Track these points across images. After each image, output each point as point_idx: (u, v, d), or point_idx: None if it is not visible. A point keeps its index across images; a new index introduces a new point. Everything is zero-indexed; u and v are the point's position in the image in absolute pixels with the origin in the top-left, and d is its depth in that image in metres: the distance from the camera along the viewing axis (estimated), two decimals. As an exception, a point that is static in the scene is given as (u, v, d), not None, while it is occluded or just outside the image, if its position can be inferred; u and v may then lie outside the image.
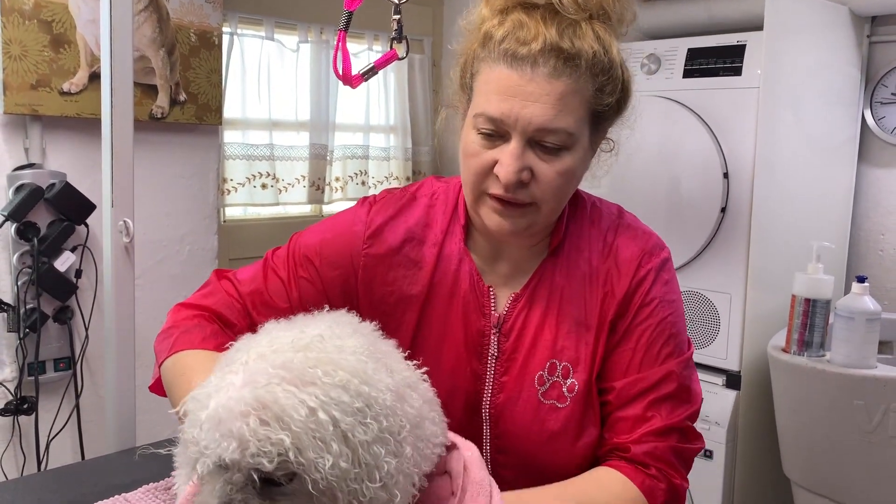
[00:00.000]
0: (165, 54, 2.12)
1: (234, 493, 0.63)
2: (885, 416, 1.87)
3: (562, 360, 1.00)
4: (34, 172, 1.93)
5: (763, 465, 2.36)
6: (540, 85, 0.89)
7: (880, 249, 2.63)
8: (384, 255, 1.05)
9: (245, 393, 0.62)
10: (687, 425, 0.99)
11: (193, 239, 2.30)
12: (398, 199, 1.09)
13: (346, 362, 0.66)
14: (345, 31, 1.03)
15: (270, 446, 0.60)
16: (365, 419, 0.64)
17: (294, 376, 0.64)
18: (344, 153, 2.79)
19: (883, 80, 2.57)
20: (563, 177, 0.94)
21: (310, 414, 0.62)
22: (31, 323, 1.91)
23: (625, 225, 1.06)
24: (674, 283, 1.05)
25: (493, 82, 0.92)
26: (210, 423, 0.62)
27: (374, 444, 0.65)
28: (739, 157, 2.24)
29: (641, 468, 0.95)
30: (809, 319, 1.99)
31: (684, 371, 1.00)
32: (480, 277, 1.04)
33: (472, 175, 0.96)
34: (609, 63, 0.93)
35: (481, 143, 0.94)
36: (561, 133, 0.91)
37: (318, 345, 0.68)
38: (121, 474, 1.31)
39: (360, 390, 0.65)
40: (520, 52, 0.90)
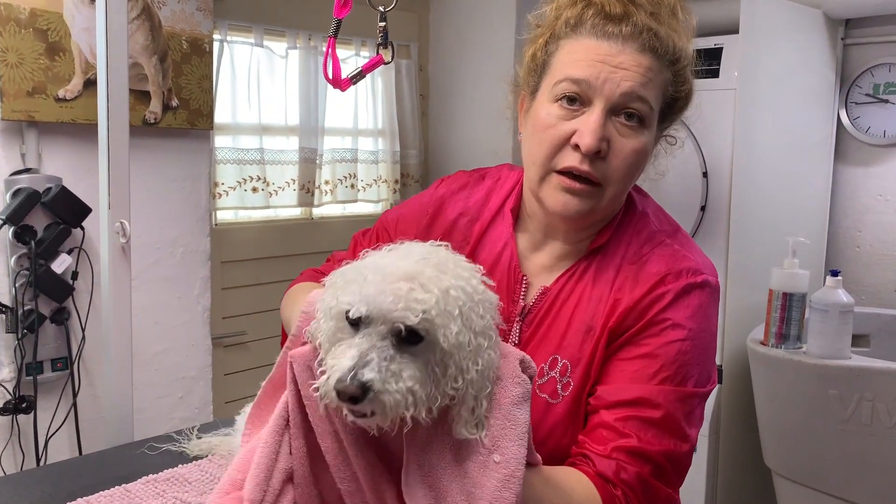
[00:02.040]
0: (158, 61, 2.16)
1: (375, 340, 0.75)
2: (859, 406, 1.93)
3: (563, 357, 0.98)
4: (31, 177, 1.97)
5: (744, 455, 2.42)
6: (629, 55, 0.92)
7: (857, 245, 2.70)
8: (441, 227, 1.11)
9: (401, 265, 0.77)
10: (663, 462, 0.91)
11: (186, 241, 2.34)
12: (467, 177, 1.15)
13: (471, 268, 0.81)
14: (334, 37, 1.08)
15: (416, 304, 0.74)
16: (479, 311, 0.78)
17: (433, 264, 0.78)
18: (333, 157, 2.84)
19: (857, 82, 2.64)
20: (637, 155, 0.95)
21: (446, 290, 0.76)
22: (28, 324, 1.95)
23: (668, 242, 1.01)
24: (701, 313, 0.97)
25: (580, 51, 0.94)
26: (375, 281, 0.75)
27: (480, 334, 0.77)
28: (718, 157, 2.29)
29: (609, 486, 0.89)
30: (786, 313, 2.05)
31: (679, 404, 0.93)
32: (519, 265, 1.05)
33: (546, 147, 0.96)
34: (685, 57, 0.97)
35: (559, 113, 0.95)
36: (645, 103, 0.93)
37: (452, 254, 0.82)
38: (120, 467, 1.35)
39: (478, 288, 0.79)
40: (610, 28, 0.93)
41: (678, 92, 0.98)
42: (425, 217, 1.12)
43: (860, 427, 1.94)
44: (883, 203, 2.64)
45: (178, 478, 1.27)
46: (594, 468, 0.90)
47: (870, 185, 2.66)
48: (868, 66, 2.61)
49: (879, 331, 2.41)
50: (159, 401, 2.29)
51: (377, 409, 0.73)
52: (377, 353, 0.74)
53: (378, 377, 0.72)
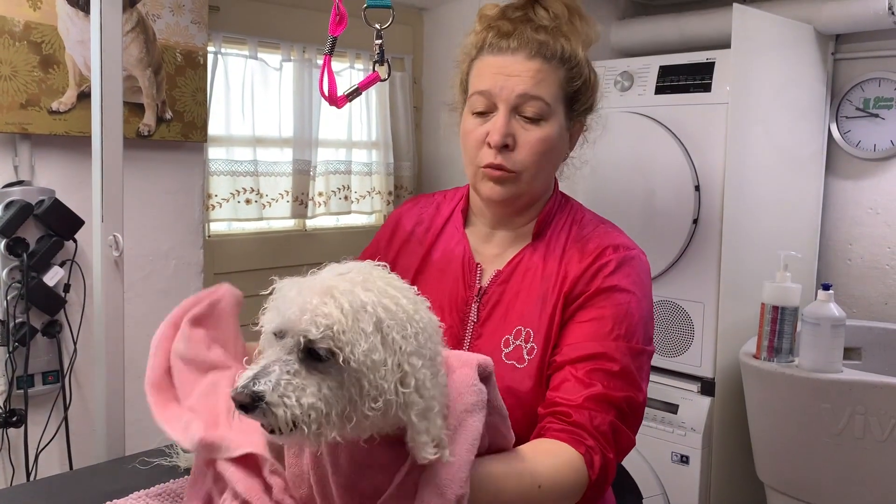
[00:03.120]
0: (152, 74, 2.16)
1: (281, 353, 0.75)
2: (851, 419, 1.94)
3: (526, 326, 1.13)
4: (23, 189, 1.96)
5: (737, 469, 2.42)
6: (520, 63, 1.11)
7: (848, 259, 2.71)
8: (400, 239, 1.29)
9: (317, 281, 0.77)
10: (625, 407, 1.05)
11: (179, 253, 2.34)
12: (419, 196, 1.36)
13: (402, 288, 0.80)
14: (330, 55, 1.09)
15: (322, 318, 0.73)
16: (405, 331, 0.76)
17: (360, 281, 0.77)
18: (327, 168, 2.84)
19: (847, 96, 2.66)
20: (542, 143, 1.12)
21: (360, 307, 0.74)
22: (20, 337, 1.94)
23: (601, 226, 1.21)
24: (637, 280, 1.14)
25: (484, 68, 1.14)
26: (282, 295, 0.77)
27: (412, 355, 0.76)
28: (710, 171, 2.31)
29: (580, 438, 1.01)
30: (778, 326, 2.06)
31: (632, 358, 1.08)
32: (472, 256, 1.22)
33: (469, 150, 1.16)
34: (575, 56, 1.14)
35: (475, 121, 1.14)
36: (539, 101, 1.11)
37: (385, 273, 0.82)
38: (111, 482, 1.34)
39: (406, 308, 0.78)
40: (502, 43, 1.12)
41: (574, 86, 1.15)
42: (385, 237, 1.31)
43: (852, 441, 1.94)
44: (874, 216, 2.66)
45: (169, 493, 1.26)
46: (569, 419, 1.02)
47: (861, 198, 2.68)
48: (858, 80, 2.64)
49: (871, 344, 2.42)
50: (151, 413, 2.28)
51: (271, 421, 0.73)
52: (280, 365, 0.74)
53: (270, 389, 0.72)
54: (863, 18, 2.44)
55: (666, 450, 2.40)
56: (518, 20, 1.14)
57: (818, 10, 2.50)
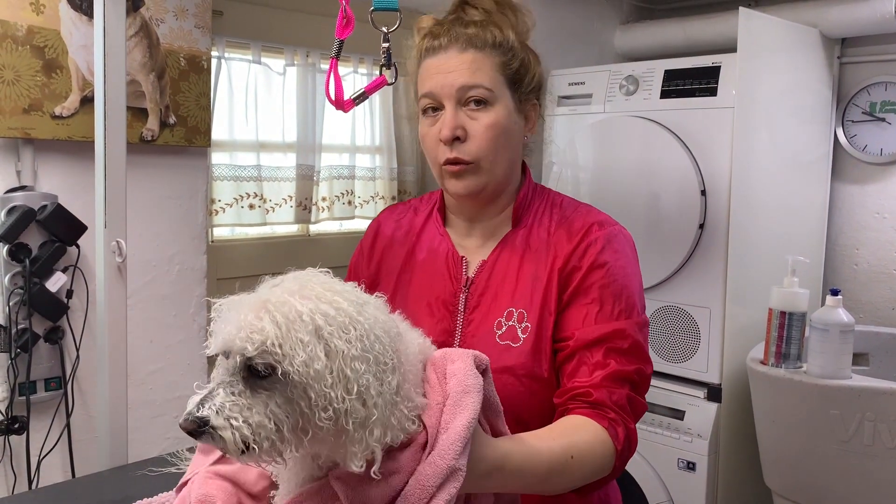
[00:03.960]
0: (155, 78, 2.15)
1: (225, 376, 0.73)
2: (861, 426, 1.92)
3: (518, 307, 1.16)
4: (26, 195, 1.95)
5: (744, 476, 2.40)
6: (454, 57, 1.15)
7: (854, 263, 2.70)
8: (382, 244, 1.31)
9: (253, 296, 0.76)
10: (636, 379, 1.11)
11: (182, 259, 2.33)
12: (395, 204, 1.40)
13: (344, 291, 0.77)
14: (336, 58, 1.08)
15: (256, 334, 0.71)
16: (348, 335, 0.73)
17: (296, 290, 0.75)
18: (330, 173, 2.83)
19: (854, 100, 2.65)
20: (492, 129, 1.14)
21: (296, 316, 0.72)
22: (22, 343, 1.92)
23: (584, 207, 1.24)
24: (625, 253, 1.18)
25: (425, 71, 1.18)
26: (220, 315, 0.75)
27: (354, 360, 0.72)
28: (716, 175, 2.29)
29: (602, 412, 1.05)
30: (786, 332, 2.04)
31: (639, 331, 1.13)
32: (456, 251, 1.25)
33: (429, 151, 1.19)
34: (507, 41, 1.16)
35: (428, 122, 1.18)
36: (479, 88, 1.14)
37: (327, 277, 0.80)
38: (113, 490, 1.33)
39: (348, 311, 0.75)
40: (435, 44, 1.17)
41: (511, 67, 1.17)
42: (367, 245, 1.33)
43: (861, 447, 1.93)
44: (880, 221, 2.64)
45: (172, 502, 1.25)
46: (589, 399, 1.06)
47: (867, 202, 2.67)
48: (864, 84, 2.63)
49: (878, 349, 2.40)
50: (154, 420, 2.26)
51: (220, 444, 0.72)
52: (224, 388, 0.73)
53: (215, 413, 0.71)
54: (869, 22, 2.44)
55: (672, 456, 2.39)
56: (449, 22, 1.18)
57: (824, 14, 2.50)
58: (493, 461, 0.90)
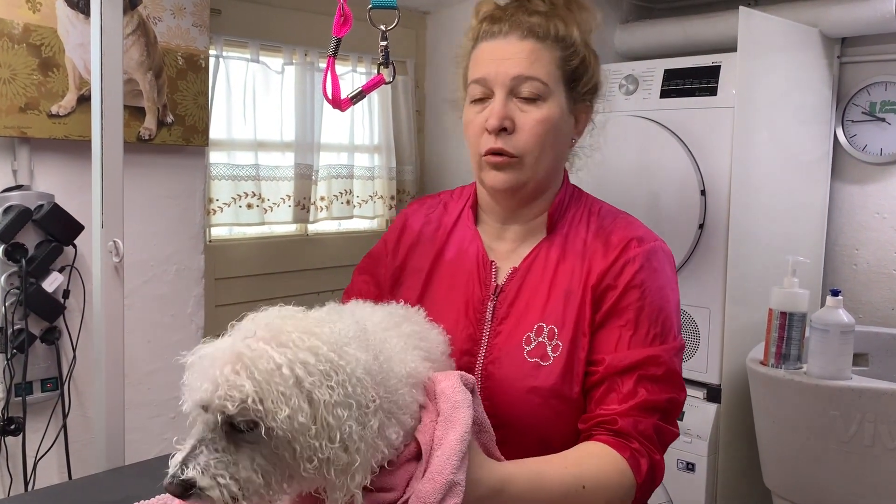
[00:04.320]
0: (153, 77, 2.14)
1: (206, 433, 0.71)
2: (861, 427, 1.91)
3: (549, 323, 1.09)
4: (22, 194, 1.94)
5: (744, 477, 2.39)
6: (512, 44, 1.09)
7: (854, 264, 2.69)
8: (409, 239, 1.25)
9: (226, 345, 0.72)
10: (669, 407, 1.05)
11: (180, 259, 2.32)
12: (425, 197, 1.32)
13: (322, 333, 0.74)
14: (334, 56, 1.07)
15: (235, 391, 0.68)
16: (329, 382, 0.71)
17: (271, 336, 0.72)
18: (329, 173, 2.82)
19: (854, 100, 2.64)
20: (542, 124, 1.08)
21: (275, 368, 0.69)
22: (18, 343, 1.91)
23: (624, 218, 1.17)
24: (665, 273, 1.12)
25: (479, 55, 1.12)
26: (194, 369, 0.72)
27: (337, 406, 0.71)
28: (716, 175, 2.29)
29: (625, 442, 1.01)
30: (786, 332, 2.03)
31: (674, 358, 1.07)
32: (486, 254, 1.18)
33: (471, 139, 1.13)
34: (570, 37, 1.11)
35: (475, 109, 1.11)
36: (535, 80, 1.08)
37: (300, 315, 0.76)
38: (110, 492, 1.32)
39: (329, 357, 0.72)
40: (494, 28, 1.11)
41: (571, 64, 1.11)
42: (393, 239, 1.27)
43: (861, 448, 1.92)
44: (880, 221, 2.64)
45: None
46: (614, 427, 1.01)
47: (867, 203, 2.66)
48: (864, 84, 2.62)
49: (878, 350, 2.40)
50: (151, 421, 2.25)
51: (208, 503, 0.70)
52: (207, 445, 0.71)
53: (201, 473, 0.69)
54: (869, 21, 2.42)
55: (671, 457, 2.38)
56: (512, 8, 1.12)
57: (824, 13, 2.49)
58: (491, 485, 0.87)
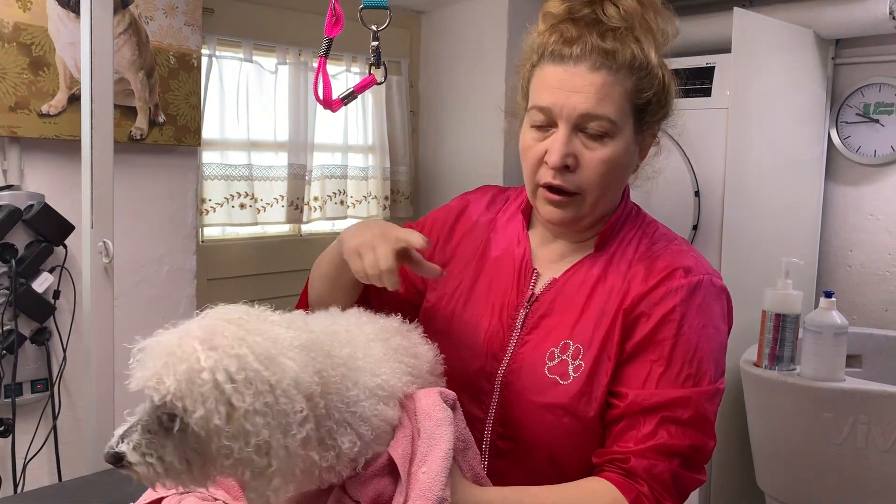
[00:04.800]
0: (145, 76, 2.13)
1: (144, 415, 0.76)
2: (854, 428, 1.91)
3: (575, 341, 1.04)
4: (12, 194, 1.93)
5: (737, 478, 2.39)
6: (583, 77, 1.00)
7: (848, 265, 2.69)
8: (464, 227, 1.22)
9: (166, 339, 0.76)
10: (691, 455, 0.98)
11: (172, 259, 2.30)
12: (493, 188, 1.28)
13: (254, 342, 0.76)
14: (325, 57, 1.06)
15: (161, 386, 0.73)
16: (249, 391, 0.74)
17: (206, 338, 0.75)
18: (322, 173, 2.81)
19: (848, 101, 2.65)
20: (607, 164, 1.02)
21: (198, 371, 0.73)
22: (8, 344, 1.90)
23: (677, 246, 1.10)
24: (710, 310, 1.03)
25: (544, 80, 1.04)
26: (140, 355, 0.77)
27: (256, 415, 0.74)
28: (710, 176, 2.28)
29: (633, 484, 0.95)
30: (780, 334, 2.03)
31: (706, 402, 0.99)
32: (531, 260, 1.14)
33: (528, 167, 1.07)
34: (646, 63, 1.03)
35: (534, 136, 1.05)
36: (603, 120, 1.01)
37: (248, 319, 0.79)
38: (99, 495, 1.31)
39: (253, 366, 0.75)
40: (565, 51, 1.02)
41: (644, 99, 1.04)
42: (452, 216, 1.24)
43: (855, 450, 1.92)
44: (874, 222, 2.64)
45: (158, 507, 1.22)
46: (625, 465, 0.96)
47: (861, 204, 2.66)
48: (858, 85, 2.62)
49: (871, 351, 2.40)
50: (142, 422, 2.24)
51: (136, 477, 0.76)
52: (143, 425, 0.76)
53: (131, 449, 0.75)
54: (863, 23, 2.42)
55: (665, 458, 2.37)
56: (584, 21, 1.03)
57: (819, 15, 2.48)
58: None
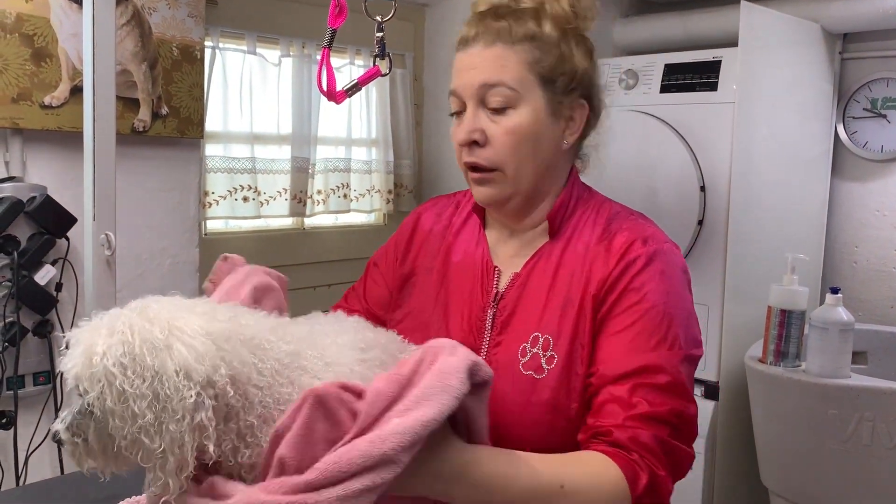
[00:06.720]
0: (147, 68, 2.12)
1: (76, 398, 0.81)
2: (860, 425, 1.90)
3: (544, 333, 1.03)
4: (14, 186, 1.92)
5: (741, 475, 2.38)
6: (479, 53, 1.03)
7: (854, 261, 2.68)
8: (420, 239, 1.21)
9: (86, 325, 0.81)
10: (676, 421, 0.96)
11: (175, 252, 2.30)
12: (440, 197, 1.28)
13: (143, 329, 0.80)
14: (329, 48, 1.05)
15: (70, 367, 0.79)
16: (134, 375, 0.78)
17: (108, 323, 0.80)
18: (326, 166, 2.80)
19: (855, 96, 2.63)
20: (513, 134, 1.02)
21: (94, 354, 0.78)
22: (10, 337, 1.90)
23: (633, 218, 1.09)
24: (671, 277, 1.03)
25: (454, 68, 1.07)
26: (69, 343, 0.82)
27: (138, 399, 0.78)
28: (716, 171, 2.27)
29: (624, 453, 0.92)
30: (785, 330, 2.02)
31: (679, 367, 0.98)
32: (490, 259, 1.13)
33: (456, 153, 1.08)
34: (541, 34, 1.03)
35: (455, 123, 1.07)
36: (501, 87, 1.02)
37: (147, 310, 0.82)
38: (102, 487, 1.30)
39: (136, 353, 0.78)
40: (467, 36, 1.05)
41: (545, 64, 1.04)
42: (407, 232, 1.23)
43: (860, 447, 1.91)
44: (880, 218, 2.62)
45: (161, 500, 1.22)
46: (609, 438, 0.93)
47: (867, 200, 2.65)
48: (866, 80, 2.60)
49: (877, 348, 2.38)
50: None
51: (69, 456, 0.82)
52: (73, 408, 0.81)
53: (64, 428, 0.80)
54: (871, 17, 2.41)
55: (669, 454, 2.37)
56: (481, 13, 1.06)
57: (826, 9, 2.47)
58: (456, 464, 0.83)
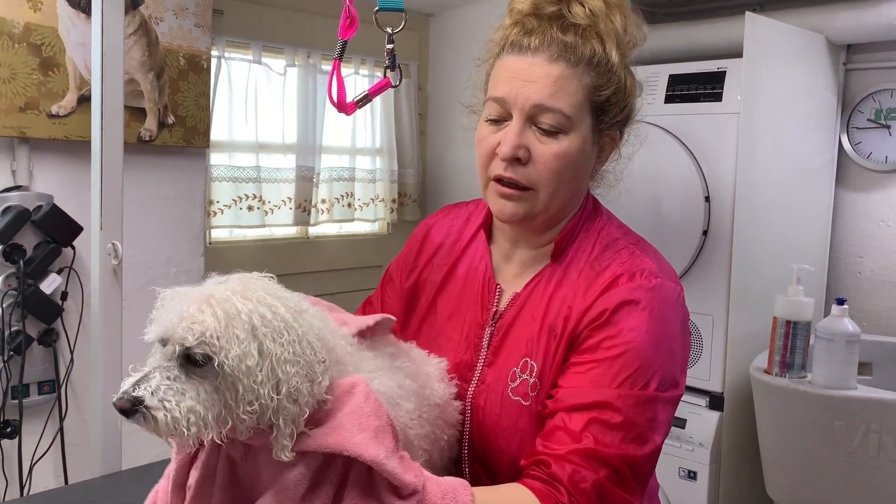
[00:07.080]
0: (154, 78, 2.13)
1: (163, 361, 0.76)
2: (866, 437, 1.89)
3: (532, 359, 1.01)
4: (21, 195, 1.92)
5: (746, 486, 2.37)
6: (539, 67, 0.98)
7: (858, 272, 2.67)
8: (428, 251, 1.18)
9: (197, 290, 0.79)
10: (621, 466, 0.90)
11: (180, 261, 2.30)
12: (452, 206, 1.24)
13: (284, 297, 0.81)
14: (339, 59, 1.05)
15: (197, 325, 0.75)
16: (281, 339, 0.77)
17: (240, 289, 0.79)
18: (330, 175, 2.80)
19: (859, 107, 2.63)
20: (560, 160, 0.99)
21: (236, 313, 0.76)
22: (15, 346, 1.90)
23: (630, 249, 1.04)
24: (660, 314, 0.97)
25: (502, 71, 1.01)
26: (164, 304, 0.79)
27: (287, 363, 0.77)
28: (720, 181, 2.27)
29: (555, 492, 0.88)
30: (790, 341, 2.01)
31: (640, 409, 0.92)
32: (493, 275, 1.11)
33: (480, 159, 1.03)
34: (606, 60, 1.00)
35: (489, 128, 1.02)
36: (557, 113, 0.98)
37: (268, 282, 0.82)
38: (106, 498, 1.30)
39: (284, 317, 0.78)
40: (524, 42, 0.99)
41: (602, 94, 1.01)
42: (415, 245, 1.20)
43: (866, 459, 1.90)
44: (884, 229, 2.62)
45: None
46: (548, 470, 0.90)
47: (871, 211, 2.64)
48: (870, 91, 2.60)
49: (882, 359, 2.38)
50: (149, 424, 2.24)
51: (152, 425, 0.75)
52: (161, 372, 0.76)
53: (150, 394, 0.75)
54: (875, 28, 2.41)
55: (673, 465, 2.36)
56: (548, 16, 1.00)
57: (830, 20, 2.47)
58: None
